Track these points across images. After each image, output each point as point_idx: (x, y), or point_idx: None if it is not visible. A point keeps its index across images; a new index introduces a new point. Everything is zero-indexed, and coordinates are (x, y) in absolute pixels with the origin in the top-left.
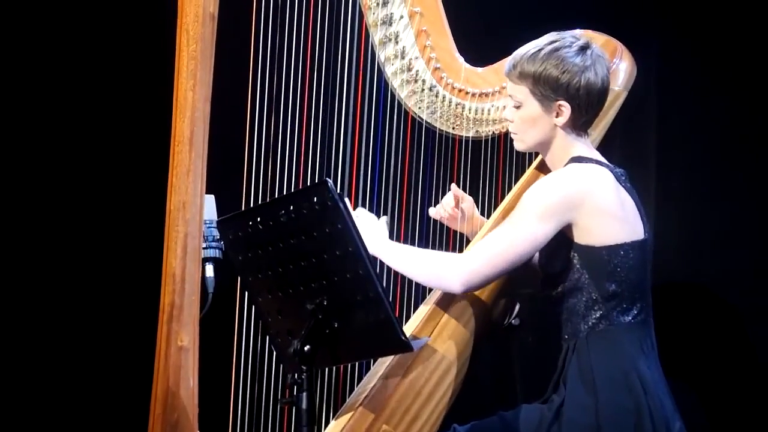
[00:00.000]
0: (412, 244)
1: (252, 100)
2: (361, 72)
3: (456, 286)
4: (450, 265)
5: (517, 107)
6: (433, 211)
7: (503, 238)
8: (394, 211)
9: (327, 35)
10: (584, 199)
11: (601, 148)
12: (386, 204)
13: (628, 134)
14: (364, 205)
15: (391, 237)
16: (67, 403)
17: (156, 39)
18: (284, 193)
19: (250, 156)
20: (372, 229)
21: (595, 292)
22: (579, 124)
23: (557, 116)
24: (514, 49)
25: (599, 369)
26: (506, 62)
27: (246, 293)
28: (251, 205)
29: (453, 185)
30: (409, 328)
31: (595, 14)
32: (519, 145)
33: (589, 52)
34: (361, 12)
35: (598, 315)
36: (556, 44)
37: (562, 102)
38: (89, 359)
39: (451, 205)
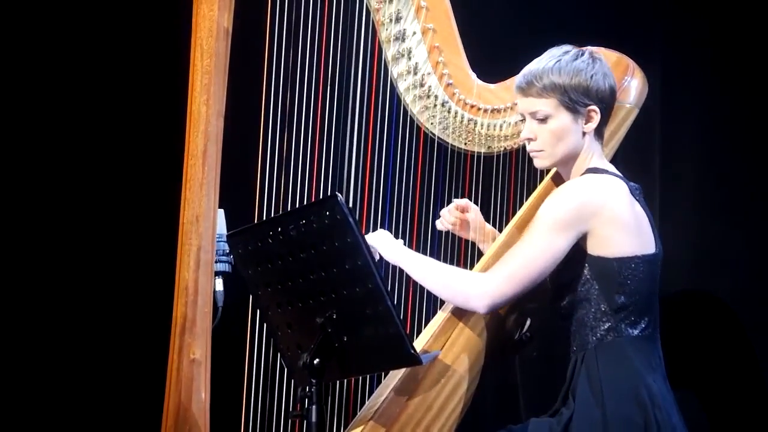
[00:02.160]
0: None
1: (265, 114)
2: (374, 87)
3: (480, 307)
4: (474, 286)
5: (543, 120)
6: (438, 224)
7: (524, 255)
8: (406, 226)
9: (340, 50)
10: (600, 208)
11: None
12: (398, 219)
13: (631, 147)
14: (376, 221)
15: None
16: (79, 415)
17: (170, 53)
18: (296, 207)
19: (263, 170)
20: (390, 239)
21: (605, 304)
22: (600, 132)
23: (587, 123)
24: (525, 65)
25: (608, 381)
26: (519, 81)
27: (256, 307)
28: (263, 219)
29: (458, 200)
30: (420, 342)
31: (600, 29)
32: (544, 162)
33: (600, 59)
34: (374, 28)
35: (606, 327)
36: (571, 55)
37: (593, 107)
38: (102, 371)
39: (452, 218)
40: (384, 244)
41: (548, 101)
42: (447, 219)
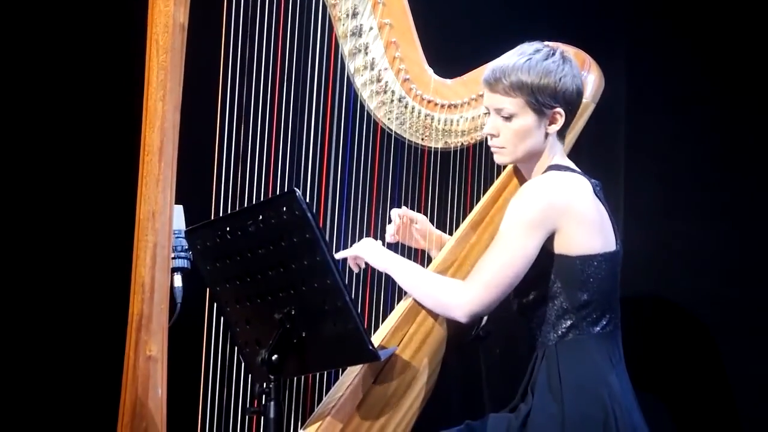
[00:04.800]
0: None
1: (221, 110)
2: (330, 83)
3: (461, 317)
4: (453, 296)
5: (508, 119)
6: (389, 238)
7: (498, 261)
8: (363, 221)
9: (297, 46)
10: (568, 206)
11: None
12: (355, 215)
13: (596, 147)
14: (333, 216)
15: None
16: (35, 412)
17: (126, 49)
18: (253, 203)
19: (220, 165)
20: (376, 246)
21: (567, 302)
22: (563, 133)
23: (551, 124)
24: (483, 61)
25: (567, 378)
26: (487, 76)
27: (215, 303)
28: (221, 215)
29: (399, 210)
30: (377, 338)
31: (563, 25)
32: (505, 159)
33: (570, 59)
34: (330, 23)
35: (568, 324)
36: (542, 54)
37: (558, 109)
38: (57, 368)
39: (391, 232)
40: (371, 252)
41: (515, 100)
42: (393, 235)
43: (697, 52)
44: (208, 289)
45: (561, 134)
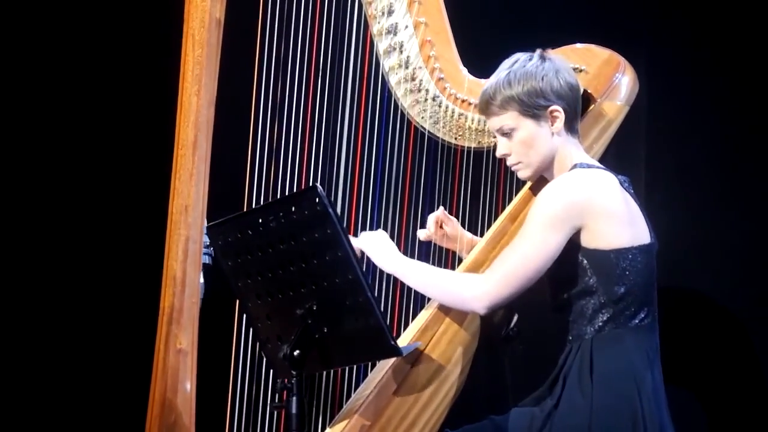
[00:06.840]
0: (413, 253)
1: (256, 106)
2: (365, 80)
3: (479, 309)
4: (471, 289)
5: (508, 134)
6: (421, 235)
7: (519, 255)
8: (395, 221)
9: (332, 43)
10: (592, 202)
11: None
12: (387, 213)
13: (617, 143)
14: (365, 215)
15: None
16: (65, 404)
17: (162, 43)
18: (276, 198)
19: (253, 161)
20: (385, 247)
21: (604, 296)
22: (573, 128)
23: (553, 124)
24: None
25: (599, 371)
26: (479, 104)
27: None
28: (244, 210)
29: (437, 212)
30: (406, 337)
31: (586, 24)
32: (525, 172)
33: (550, 57)
34: (366, 21)
35: (605, 318)
36: (518, 63)
37: (554, 107)
38: (88, 360)
39: (431, 231)
40: (378, 252)
41: (508, 114)
42: (428, 234)
43: (718, 48)
44: (230, 284)
45: (572, 131)
